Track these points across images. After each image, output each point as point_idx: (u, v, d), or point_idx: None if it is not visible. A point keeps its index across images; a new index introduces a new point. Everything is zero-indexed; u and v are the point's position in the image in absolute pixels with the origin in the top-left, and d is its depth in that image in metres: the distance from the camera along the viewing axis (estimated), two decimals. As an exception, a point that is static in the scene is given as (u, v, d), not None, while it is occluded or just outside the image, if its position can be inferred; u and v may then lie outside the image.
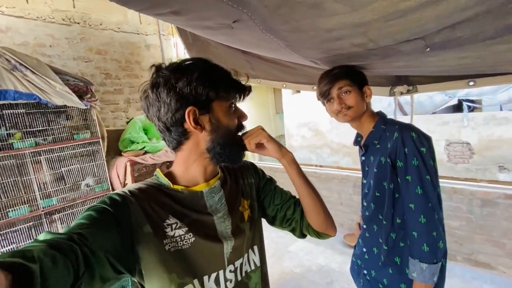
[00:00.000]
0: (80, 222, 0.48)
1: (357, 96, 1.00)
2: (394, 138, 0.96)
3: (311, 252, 3.02)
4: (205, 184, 0.65)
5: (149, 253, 0.55)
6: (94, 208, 0.52)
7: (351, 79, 1.00)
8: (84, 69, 2.63)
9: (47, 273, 0.35)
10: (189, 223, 0.60)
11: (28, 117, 2.03)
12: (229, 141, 0.62)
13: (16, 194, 2.00)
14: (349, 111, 1.01)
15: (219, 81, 0.59)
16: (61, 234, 0.43)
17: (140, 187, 0.60)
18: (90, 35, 2.65)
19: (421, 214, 0.90)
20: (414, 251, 0.92)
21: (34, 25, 2.34)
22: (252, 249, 0.71)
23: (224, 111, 0.61)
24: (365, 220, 1.15)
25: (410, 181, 0.92)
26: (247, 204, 0.73)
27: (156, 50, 3.14)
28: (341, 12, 0.60)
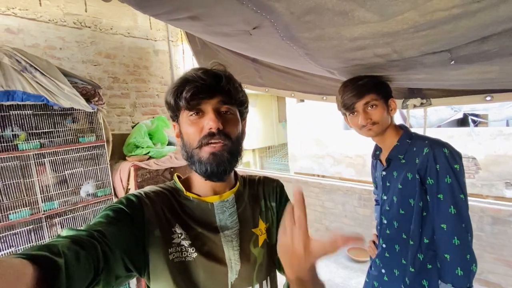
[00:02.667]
0: (98, 221, 0.49)
1: (382, 110, 0.95)
2: (424, 153, 0.91)
3: (315, 265, 2.94)
4: (218, 196, 0.62)
5: (157, 258, 0.55)
6: (111, 208, 0.53)
7: (378, 92, 0.95)
8: (93, 72, 2.64)
9: (71, 268, 0.36)
10: (194, 237, 0.58)
11: (35, 119, 2.01)
12: (190, 155, 0.57)
13: (18, 196, 1.96)
14: (374, 127, 0.97)
15: (173, 92, 0.56)
16: (82, 231, 0.44)
17: (156, 190, 0.60)
18: (100, 39, 2.67)
19: (454, 235, 0.85)
20: (446, 275, 0.87)
21: (45, 27, 2.36)
22: (266, 280, 0.63)
23: (184, 122, 0.58)
24: (384, 239, 1.09)
25: (442, 199, 0.87)
26: (264, 228, 0.66)
27: (164, 56, 3.15)
28: (369, 21, 0.58)
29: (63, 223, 2.17)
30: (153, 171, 2.51)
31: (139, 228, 0.53)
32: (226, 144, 0.56)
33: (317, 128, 7.61)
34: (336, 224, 3.41)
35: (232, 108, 0.59)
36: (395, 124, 1.06)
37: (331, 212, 3.44)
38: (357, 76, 0.98)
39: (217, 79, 0.55)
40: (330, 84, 1.71)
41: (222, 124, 0.55)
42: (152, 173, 2.69)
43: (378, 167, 1.14)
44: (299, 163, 8.46)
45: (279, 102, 10.89)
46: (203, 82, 0.54)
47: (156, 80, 3.11)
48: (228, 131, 0.57)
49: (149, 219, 0.55)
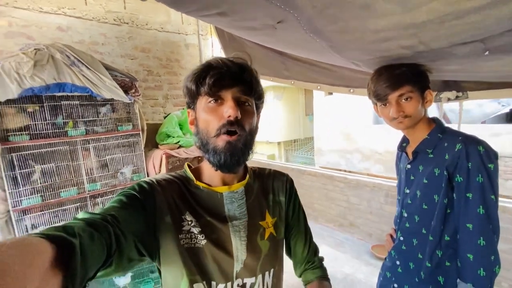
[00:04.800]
0: (112, 205, 0.51)
1: (417, 103, 0.91)
2: (456, 150, 0.87)
3: (336, 260, 2.94)
4: (227, 187, 0.63)
5: (167, 243, 0.56)
6: (124, 194, 0.54)
7: (414, 84, 0.90)
8: (130, 66, 2.83)
9: (86, 248, 0.37)
10: (203, 224, 0.59)
11: (81, 108, 2.24)
12: (206, 143, 0.57)
13: (67, 177, 2.22)
14: (406, 120, 0.92)
15: (195, 77, 0.57)
16: (97, 214, 0.46)
17: (167, 178, 0.62)
18: (137, 34, 2.85)
19: (480, 236, 0.83)
20: (467, 275, 0.85)
21: (89, 25, 2.57)
22: (269, 272, 0.65)
23: (201, 108, 0.57)
24: (403, 232, 1.08)
25: (471, 199, 0.84)
26: (271, 222, 0.67)
27: (194, 49, 3.27)
28: (393, 13, 0.58)
29: (104, 202, 2.41)
30: (183, 159, 2.66)
31: (150, 214, 0.55)
32: (242, 134, 0.56)
33: (346, 122, 7.38)
34: (361, 221, 3.35)
35: (250, 99, 0.59)
36: (428, 116, 1.02)
37: (356, 207, 3.38)
38: (394, 64, 0.92)
39: (241, 68, 0.56)
40: (357, 77, 1.68)
41: (240, 114, 0.55)
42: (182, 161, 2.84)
43: (403, 160, 1.11)
44: (325, 158, 8.30)
45: (306, 95, 10.69)
46: (227, 69, 0.54)
47: (186, 73, 3.22)
48: (244, 122, 0.57)
49: (160, 206, 0.56)
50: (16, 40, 2.25)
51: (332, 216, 3.70)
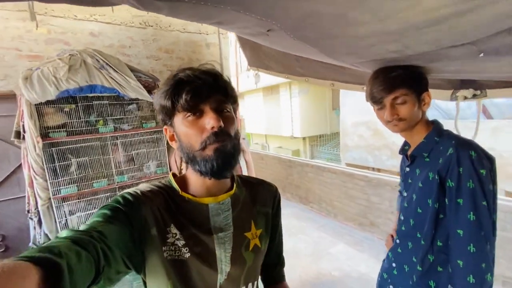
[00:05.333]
0: (96, 220, 0.49)
1: (412, 106, 0.89)
2: (448, 154, 0.85)
3: (353, 258, 2.90)
4: (213, 198, 0.61)
5: (153, 255, 0.55)
6: (109, 207, 0.52)
7: (410, 87, 0.88)
8: (154, 66, 3.02)
9: (73, 267, 0.36)
10: (188, 237, 0.58)
11: (110, 107, 2.46)
12: (192, 156, 0.56)
13: (99, 169, 2.46)
14: (401, 123, 0.92)
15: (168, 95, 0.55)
16: (82, 232, 0.45)
17: (152, 189, 0.60)
18: (161, 36, 3.01)
19: (470, 243, 0.81)
20: (457, 281, 0.83)
21: (118, 29, 2.78)
22: (252, 283, 0.65)
23: (180, 124, 0.56)
24: (399, 234, 1.08)
25: (462, 204, 0.82)
26: (256, 233, 0.66)
27: (215, 48, 3.37)
28: (367, 22, 0.59)
29: (131, 194, 2.64)
30: (202, 155, 2.80)
31: (136, 227, 0.53)
32: (229, 140, 0.56)
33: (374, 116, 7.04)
34: (381, 220, 3.25)
35: (228, 106, 0.59)
36: (427, 119, 0.99)
37: (376, 207, 3.28)
38: (391, 66, 0.91)
39: (214, 77, 0.56)
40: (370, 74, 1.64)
41: (222, 122, 0.54)
42: (201, 157, 2.97)
43: (405, 162, 1.10)
44: (352, 154, 8.05)
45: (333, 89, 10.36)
46: (201, 81, 0.54)
47: (207, 71, 3.37)
48: (228, 129, 0.57)
49: (146, 218, 0.55)
50: (55, 46, 2.52)
51: (351, 215, 3.63)
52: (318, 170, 4.14)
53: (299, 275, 2.65)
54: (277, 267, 0.79)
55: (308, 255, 3.02)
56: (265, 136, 12.64)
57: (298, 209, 4.46)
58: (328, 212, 4.00)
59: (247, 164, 2.91)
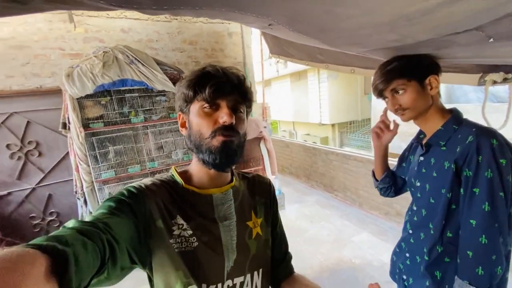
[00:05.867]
0: (102, 212, 0.50)
1: (413, 94, 0.88)
2: (467, 142, 0.82)
3: (375, 247, 2.87)
4: (217, 189, 0.64)
5: (159, 248, 0.56)
6: (114, 199, 0.53)
7: (408, 76, 0.87)
8: (180, 58, 3.15)
9: (79, 256, 0.37)
10: (194, 227, 0.60)
11: (140, 99, 2.65)
12: (200, 144, 0.59)
13: (132, 157, 2.71)
14: (406, 112, 0.91)
15: (187, 84, 0.59)
16: (87, 222, 0.45)
17: (155, 182, 0.61)
18: (185, 28, 3.12)
19: (483, 233, 0.79)
20: (464, 272, 0.83)
21: (146, 24, 2.94)
22: (258, 271, 0.67)
23: (195, 112, 0.59)
24: (412, 225, 1.07)
25: (477, 194, 0.80)
26: (257, 221, 0.70)
27: (237, 37, 3.40)
28: (355, 16, 0.59)
29: (161, 179, 2.87)
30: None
31: (141, 220, 0.54)
32: (236, 137, 0.59)
33: (409, 101, 6.58)
34: (408, 210, 3.13)
35: (243, 107, 0.63)
36: (443, 106, 0.95)
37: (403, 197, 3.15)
38: (390, 59, 0.92)
39: (238, 79, 0.60)
40: (390, 59, 1.56)
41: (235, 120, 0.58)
42: (224, 145, 3.09)
43: (418, 151, 1.07)
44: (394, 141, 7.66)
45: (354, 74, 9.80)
46: (226, 79, 0.58)
47: (229, 61, 3.43)
48: (238, 128, 0.60)
49: (151, 211, 0.56)
50: (91, 44, 2.75)
51: (377, 204, 3.54)
52: (343, 159, 4.06)
53: (319, 261, 2.71)
54: (285, 261, 0.80)
55: (330, 242, 3.04)
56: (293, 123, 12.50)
57: (322, 196, 4.45)
58: (353, 201, 3.94)
59: (269, 152, 2.97)
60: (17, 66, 2.55)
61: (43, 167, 2.81)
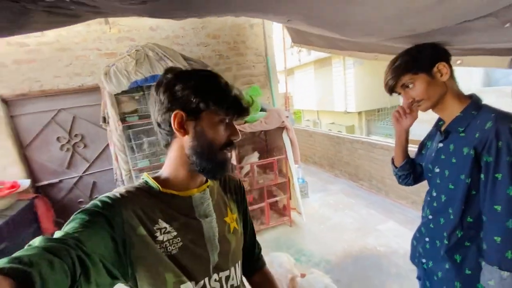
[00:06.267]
0: (73, 226, 0.47)
1: (423, 85, 0.90)
2: (486, 127, 0.83)
3: (402, 236, 2.84)
4: (195, 189, 0.65)
5: (143, 256, 0.55)
6: (87, 212, 0.51)
7: (411, 70, 0.90)
8: (204, 53, 3.28)
9: (45, 277, 0.35)
10: (178, 227, 0.60)
11: (169, 93, 2.83)
12: (209, 154, 0.61)
13: (164, 147, 2.92)
14: (422, 103, 0.94)
15: (213, 95, 0.60)
16: (55, 239, 0.43)
17: (130, 190, 0.59)
18: (208, 22, 3.22)
19: (509, 218, 0.80)
20: (493, 258, 0.84)
21: (172, 21, 3.08)
22: (238, 263, 0.72)
23: (212, 124, 0.61)
24: (431, 211, 1.09)
25: (500, 179, 0.81)
26: (232, 217, 0.74)
27: (258, 28, 3.43)
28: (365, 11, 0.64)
29: (190, 168, 3.08)
30: (248, 133, 3.02)
31: (118, 230, 0.52)
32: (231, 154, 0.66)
33: (443, 86, 6.15)
34: (438, 199, 3.03)
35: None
36: (461, 92, 0.96)
37: (433, 185, 3.06)
38: (397, 55, 0.94)
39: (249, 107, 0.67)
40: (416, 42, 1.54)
41: None
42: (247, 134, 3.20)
43: (437, 138, 1.08)
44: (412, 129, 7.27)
45: (393, 57, 9.26)
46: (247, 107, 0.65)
47: (252, 52, 3.49)
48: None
49: (128, 220, 0.54)
50: (124, 43, 2.96)
51: (405, 193, 3.46)
52: (368, 147, 3.98)
53: (342, 248, 2.76)
54: (255, 252, 0.86)
55: (354, 230, 3.07)
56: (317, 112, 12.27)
57: (347, 185, 4.43)
58: (378, 190, 3.89)
59: (291, 142, 3.03)
60: (62, 67, 2.84)
61: (87, 157, 3.13)
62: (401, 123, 1.13)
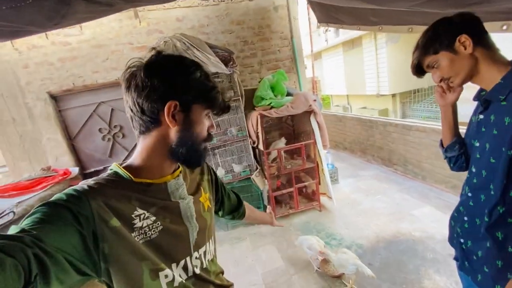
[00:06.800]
0: (32, 220, 0.45)
1: (447, 62, 0.87)
2: None
3: (439, 221, 2.70)
4: (169, 176, 0.66)
5: (117, 247, 0.53)
6: (49, 205, 0.48)
7: (433, 50, 0.87)
8: (229, 40, 3.29)
9: None
10: (156, 212, 0.60)
11: (197, 82, 2.91)
12: (194, 145, 0.63)
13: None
14: (453, 79, 0.90)
15: (205, 89, 0.61)
16: (9, 236, 0.41)
17: (99, 182, 0.57)
18: (232, 9, 3.21)
19: None
20: None
21: (197, 10, 3.13)
22: (212, 239, 0.77)
23: (200, 116, 0.62)
24: (471, 187, 1.03)
25: None
26: (206, 196, 0.78)
27: (283, 10, 3.35)
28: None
29: (220, 153, 3.17)
30: (275, 118, 3.01)
31: (86, 224, 0.49)
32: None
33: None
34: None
35: None
36: (501, 58, 0.87)
37: (477, 168, 2.82)
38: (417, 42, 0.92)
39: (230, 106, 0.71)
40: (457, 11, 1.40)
41: None
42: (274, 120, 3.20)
43: (478, 109, 1.00)
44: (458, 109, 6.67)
45: (432, 32, 8.45)
46: (228, 103, 0.70)
47: (277, 36, 3.42)
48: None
49: (99, 212, 0.51)
50: (153, 36, 3.09)
51: (443, 177, 3.24)
52: (403, 130, 3.76)
53: (374, 232, 2.70)
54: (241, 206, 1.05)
55: (387, 214, 2.97)
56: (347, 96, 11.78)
57: (380, 171, 4.26)
58: (415, 174, 3.68)
59: (319, 126, 2.97)
60: (99, 63, 3.05)
61: (127, 146, 3.38)
62: (445, 98, 1.05)
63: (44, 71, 2.94)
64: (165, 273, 0.60)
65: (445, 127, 1.10)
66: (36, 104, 2.97)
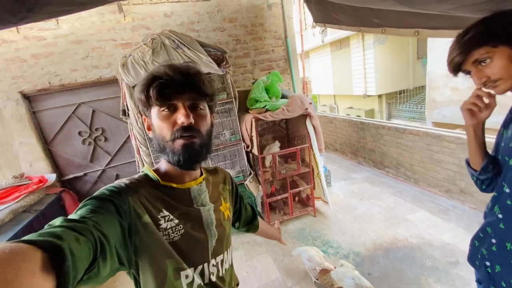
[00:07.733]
0: (87, 210, 0.49)
1: (503, 60, 0.74)
2: None
3: (435, 226, 2.68)
4: (193, 182, 0.69)
5: (147, 242, 0.57)
6: (97, 197, 0.53)
7: (492, 41, 0.74)
8: (220, 38, 3.12)
9: (74, 251, 0.37)
10: (179, 216, 0.63)
11: (187, 83, 2.73)
12: (164, 147, 0.61)
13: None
14: (499, 83, 0.77)
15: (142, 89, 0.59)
16: (75, 219, 0.45)
17: (133, 181, 0.61)
18: (224, 5, 3.04)
19: None
20: None
21: (186, 6, 2.94)
22: (230, 248, 0.77)
23: (155, 117, 0.61)
24: (503, 209, 0.94)
25: None
26: (226, 206, 0.78)
27: (277, 8, 3.22)
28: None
29: (212, 157, 3.00)
30: (269, 122, 2.89)
31: (125, 218, 0.53)
32: (198, 137, 0.60)
33: (475, 63, 5.67)
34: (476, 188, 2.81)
35: (202, 103, 0.62)
36: None
37: (470, 172, 2.83)
38: (467, 26, 0.77)
39: (186, 75, 0.58)
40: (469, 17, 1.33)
41: (194, 119, 0.59)
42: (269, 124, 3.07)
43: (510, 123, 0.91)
44: (441, 111, 6.87)
45: (418, 34, 8.63)
46: (169, 77, 0.56)
47: (270, 35, 3.29)
48: (199, 126, 0.61)
49: (135, 207, 0.56)
50: (139, 32, 2.86)
51: (436, 181, 3.25)
52: (396, 133, 3.75)
53: (371, 239, 2.64)
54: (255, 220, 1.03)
55: (383, 220, 2.93)
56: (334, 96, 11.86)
57: (371, 173, 4.25)
58: (407, 177, 3.69)
59: (315, 129, 2.87)
60: (79, 60, 2.79)
61: (109, 150, 3.14)
62: (477, 116, 0.89)
63: (15, 68, 2.65)
64: (186, 273, 0.63)
65: (475, 147, 0.96)
66: (6, 105, 2.68)
